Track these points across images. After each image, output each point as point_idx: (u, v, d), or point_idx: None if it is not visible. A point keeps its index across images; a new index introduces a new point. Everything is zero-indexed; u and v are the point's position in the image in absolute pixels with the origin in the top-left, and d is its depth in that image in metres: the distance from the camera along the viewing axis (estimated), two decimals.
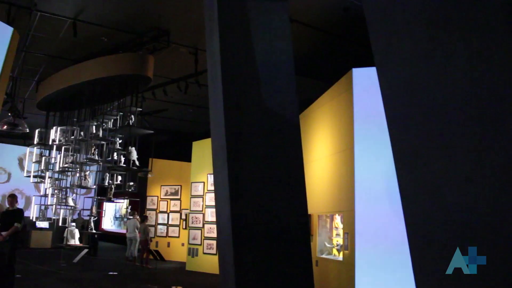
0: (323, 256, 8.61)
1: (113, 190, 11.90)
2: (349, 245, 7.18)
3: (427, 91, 2.03)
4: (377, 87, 2.35)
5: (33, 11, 8.58)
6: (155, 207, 16.58)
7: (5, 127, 11.83)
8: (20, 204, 15.18)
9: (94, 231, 12.97)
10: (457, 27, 1.90)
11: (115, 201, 16.87)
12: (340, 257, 7.97)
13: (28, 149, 14.18)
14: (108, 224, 23.65)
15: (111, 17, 9.06)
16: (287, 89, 3.58)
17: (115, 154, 11.43)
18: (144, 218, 14.46)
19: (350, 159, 7.26)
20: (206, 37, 4.00)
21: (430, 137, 2.03)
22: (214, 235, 12.62)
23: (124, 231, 19.31)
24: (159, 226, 16.35)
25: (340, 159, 7.84)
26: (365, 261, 6.78)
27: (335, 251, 8.48)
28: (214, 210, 12.23)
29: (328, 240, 8.81)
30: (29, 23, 9.10)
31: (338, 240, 8.39)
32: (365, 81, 7.25)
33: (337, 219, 8.50)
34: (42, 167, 13.09)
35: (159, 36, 9.71)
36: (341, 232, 8.18)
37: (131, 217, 14.66)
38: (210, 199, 13.21)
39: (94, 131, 11.55)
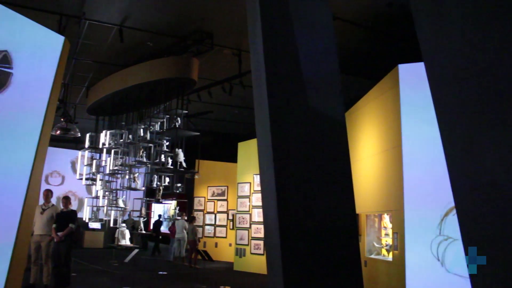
0: (372, 256, 8.47)
1: (161, 191, 12.16)
2: (398, 245, 7.03)
3: (477, 84, 1.96)
4: (425, 83, 2.30)
5: (82, 20, 8.90)
6: (202, 208, 16.79)
7: (58, 132, 12.36)
8: (74, 206, 15.77)
9: (144, 231, 13.31)
10: (509, 16, 1.82)
11: (163, 202, 17.23)
12: (390, 257, 7.81)
13: (80, 153, 14.69)
14: None
15: (156, 22, 9.27)
16: (332, 87, 3.55)
17: (162, 156, 11.67)
18: (192, 219, 14.66)
19: (398, 157, 7.11)
20: (249, 38, 4.02)
21: (482, 132, 1.95)
22: (261, 235, 12.65)
23: (166, 231, 19.70)
24: (206, 227, 16.54)
25: (388, 157, 7.69)
26: (415, 261, 6.61)
27: (384, 251, 8.33)
28: (261, 210, 12.29)
29: (376, 240, 8.66)
30: (78, 32, 9.44)
31: (387, 240, 8.23)
32: (412, 77, 7.08)
33: (386, 219, 8.34)
34: (93, 170, 13.55)
35: (202, 39, 9.84)
36: (390, 231, 8.02)
37: (179, 218, 14.92)
38: (257, 199, 13.24)
39: (142, 134, 11.86)
